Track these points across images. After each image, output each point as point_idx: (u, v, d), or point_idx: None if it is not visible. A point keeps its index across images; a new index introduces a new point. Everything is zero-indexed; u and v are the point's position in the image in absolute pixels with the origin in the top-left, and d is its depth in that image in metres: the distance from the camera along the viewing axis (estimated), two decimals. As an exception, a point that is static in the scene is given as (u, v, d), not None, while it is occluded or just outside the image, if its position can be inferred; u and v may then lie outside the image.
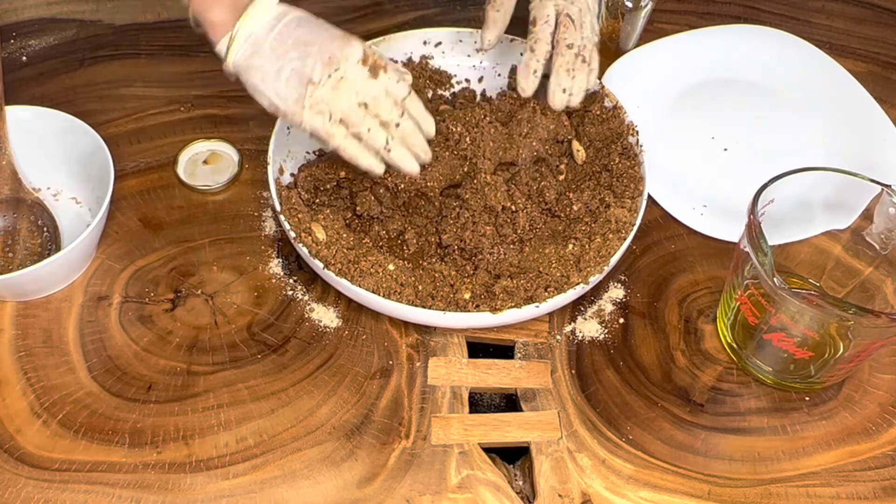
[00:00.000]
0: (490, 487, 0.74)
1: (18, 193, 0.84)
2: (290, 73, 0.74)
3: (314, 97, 0.74)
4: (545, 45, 0.82)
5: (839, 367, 0.78)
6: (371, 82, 0.76)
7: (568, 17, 0.81)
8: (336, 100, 0.75)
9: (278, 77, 0.74)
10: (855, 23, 1.13)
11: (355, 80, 0.75)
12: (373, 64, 0.75)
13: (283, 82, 0.74)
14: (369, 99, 0.76)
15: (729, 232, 0.90)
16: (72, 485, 0.72)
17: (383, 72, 0.76)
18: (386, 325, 0.83)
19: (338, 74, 0.74)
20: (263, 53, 0.74)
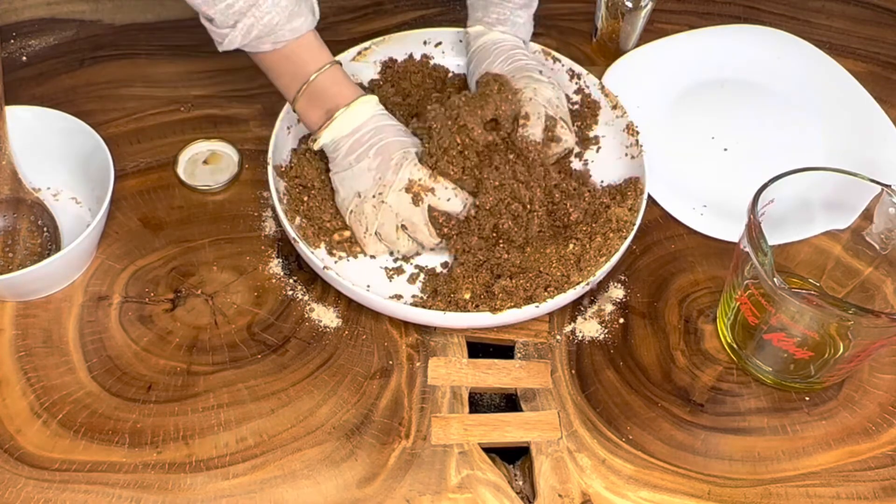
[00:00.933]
0: (490, 487, 0.74)
1: (18, 193, 0.84)
2: (348, 179, 0.82)
3: (357, 209, 0.82)
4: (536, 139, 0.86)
5: (839, 367, 0.78)
6: (412, 208, 0.81)
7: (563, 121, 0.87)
8: (374, 218, 0.81)
9: (342, 175, 0.82)
10: (855, 23, 1.13)
11: (395, 206, 0.81)
12: (418, 190, 0.80)
13: (341, 181, 0.83)
14: (409, 223, 0.81)
15: (729, 232, 0.90)
16: (72, 485, 0.72)
17: (432, 193, 0.81)
18: (386, 325, 0.83)
19: (381, 198, 0.81)
20: (340, 152, 0.82)
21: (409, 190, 0.80)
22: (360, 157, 0.81)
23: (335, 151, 0.82)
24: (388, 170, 0.80)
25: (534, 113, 0.85)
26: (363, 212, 0.81)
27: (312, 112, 0.82)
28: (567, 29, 1.07)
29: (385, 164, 0.80)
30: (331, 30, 1.05)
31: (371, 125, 0.81)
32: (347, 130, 0.81)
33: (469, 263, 0.82)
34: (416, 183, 0.80)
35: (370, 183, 0.81)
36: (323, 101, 0.81)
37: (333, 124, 0.81)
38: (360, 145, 0.81)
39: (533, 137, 0.85)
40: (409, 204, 0.80)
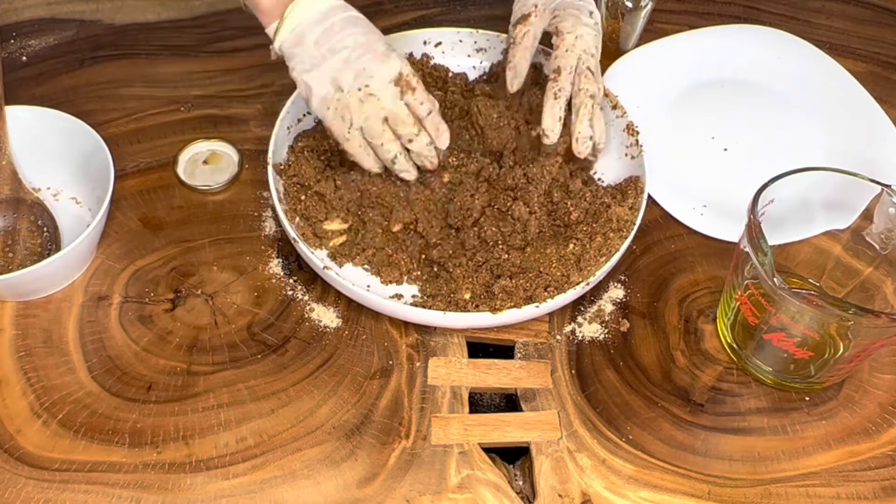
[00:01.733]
0: (490, 487, 0.74)
1: (18, 193, 0.84)
2: (324, 73, 0.77)
3: (340, 102, 0.78)
4: (566, 96, 0.84)
5: (839, 367, 0.78)
6: (397, 100, 0.78)
7: (589, 70, 0.83)
8: (360, 111, 0.78)
9: (312, 72, 0.77)
10: (855, 23, 1.13)
11: (383, 96, 0.78)
12: (404, 84, 0.78)
13: (316, 79, 0.77)
14: (391, 115, 0.79)
15: (729, 232, 0.90)
16: (72, 485, 0.72)
17: (411, 92, 0.79)
18: (386, 325, 0.83)
19: (367, 89, 0.77)
20: (306, 45, 0.77)
21: (397, 83, 0.78)
22: (335, 49, 0.76)
23: (298, 45, 0.77)
24: (375, 60, 0.77)
25: (565, 66, 0.83)
26: (347, 105, 0.77)
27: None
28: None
29: (369, 54, 0.77)
30: (331, 30, 1.05)
31: (340, 14, 0.77)
32: (314, 16, 0.76)
33: (469, 264, 0.82)
34: (403, 77, 0.78)
35: (352, 74, 0.77)
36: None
37: (297, 8, 0.76)
38: (333, 35, 0.77)
39: (548, 139, 0.84)
40: (396, 96, 0.78)
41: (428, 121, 0.81)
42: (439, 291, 0.81)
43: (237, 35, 1.04)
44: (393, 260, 0.84)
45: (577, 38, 0.84)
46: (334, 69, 0.77)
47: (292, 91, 0.89)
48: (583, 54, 0.84)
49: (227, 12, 1.07)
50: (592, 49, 0.85)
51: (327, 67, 0.77)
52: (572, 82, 0.84)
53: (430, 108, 0.81)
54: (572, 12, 0.85)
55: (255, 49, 1.02)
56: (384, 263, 0.84)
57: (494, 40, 0.97)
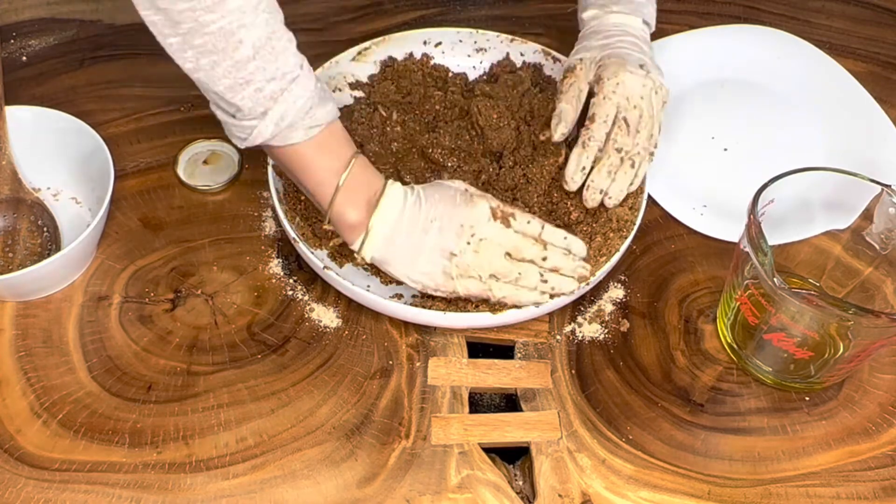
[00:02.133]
0: (490, 487, 0.74)
1: (18, 193, 0.84)
2: (431, 252, 0.76)
3: (461, 267, 0.76)
4: (597, 145, 0.83)
5: (839, 367, 0.78)
6: (507, 232, 0.77)
7: (624, 121, 0.82)
8: (481, 261, 0.76)
9: (418, 259, 0.76)
10: (855, 23, 1.13)
11: (493, 236, 0.76)
12: (502, 216, 0.77)
13: (426, 262, 0.76)
14: (511, 248, 0.77)
15: (729, 232, 0.90)
16: (72, 485, 0.72)
17: (513, 218, 0.77)
18: (386, 325, 0.83)
19: (476, 238, 0.76)
20: (399, 243, 0.76)
21: (495, 217, 0.76)
22: (427, 228, 0.76)
23: (391, 246, 0.76)
24: (462, 213, 0.76)
25: (600, 116, 0.82)
26: (467, 264, 0.76)
27: (351, 211, 0.75)
28: (567, 29, 1.07)
29: (454, 210, 0.76)
30: (331, 30, 1.05)
31: (412, 197, 0.76)
32: (394, 216, 0.75)
33: None
34: (496, 209, 0.77)
35: (454, 236, 0.75)
36: (362, 190, 0.75)
37: (380, 214, 0.75)
38: (417, 219, 0.76)
39: (568, 187, 0.83)
40: (503, 229, 0.76)
41: (547, 237, 0.78)
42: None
43: (237, 35, 1.04)
44: None
45: (617, 86, 0.82)
46: (438, 241, 0.76)
47: (292, 91, 0.90)
48: (623, 102, 0.82)
49: (227, 12, 1.07)
50: (637, 99, 0.83)
51: (430, 247, 0.76)
52: (607, 132, 0.82)
53: (540, 224, 0.78)
54: (616, 60, 0.84)
55: (255, 49, 1.02)
56: None
57: (494, 40, 0.97)
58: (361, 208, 0.75)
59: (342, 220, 0.76)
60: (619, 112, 0.83)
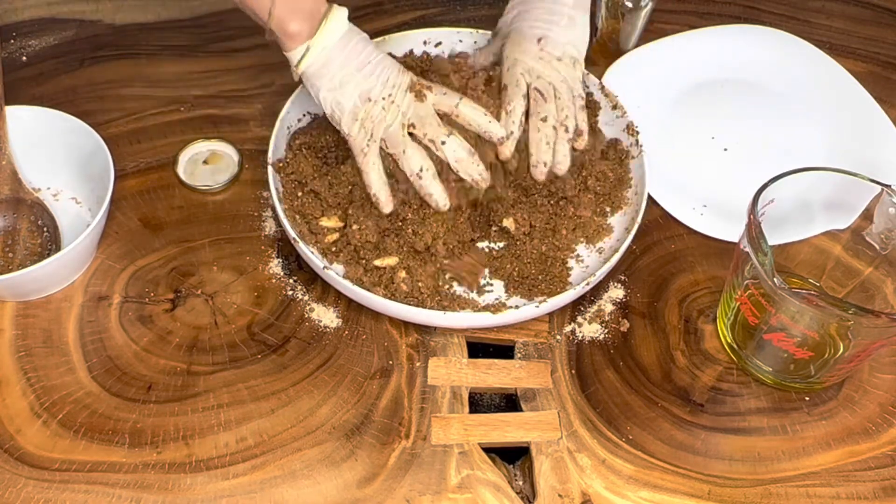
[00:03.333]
0: (490, 487, 0.74)
1: (18, 193, 0.84)
2: (353, 88, 0.79)
3: (368, 113, 0.79)
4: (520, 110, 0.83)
5: (839, 367, 0.78)
6: (417, 104, 0.80)
7: (537, 91, 0.83)
8: (383, 119, 0.79)
9: (342, 89, 0.79)
10: (855, 23, 1.13)
11: (402, 103, 0.79)
12: (418, 89, 0.79)
13: (345, 94, 0.79)
14: (416, 119, 0.79)
15: (729, 232, 0.90)
16: (72, 485, 0.72)
17: (429, 91, 0.80)
18: (386, 325, 0.83)
19: (390, 98, 0.79)
20: (333, 66, 0.79)
21: (412, 89, 0.80)
22: (360, 66, 0.79)
23: (325, 66, 0.79)
24: (393, 72, 0.80)
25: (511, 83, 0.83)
26: (372, 116, 0.79)
27: (296, 13, 0.77)
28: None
29: (388, 67, 0.80)
30: (331, 30, 1.05)
31: (357, 35, 0.80)
32: (337, 39, 0.79)
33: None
34: (415, 82, 0.80)
35: (379, 85, 0.79)
36: (301, 4, 0.78)
37: (324, 33, 0.78)
38: (357, 54, 0.79)
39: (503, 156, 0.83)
40: (414, 100, 0.80)
41: (462, 110, 0.80)
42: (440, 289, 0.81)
43: (237, 35, 1.04)
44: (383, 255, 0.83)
45: (515, 62, 0.84)
46: (362, 83, 0.79)
47: (292, 91, 0.90)
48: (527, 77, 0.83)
49: (227, 12, 1.07)
50: (539, 70, 0.84)
51: (356, 82, 0.79)
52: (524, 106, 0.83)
53: (455, 98, 0.80)
54: (512, 39, 0.86)
55: (255, 49, 1.02)
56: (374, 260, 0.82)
57: (494, 40, 0.97)
58: (304, 21, 0.78)
59: (283, 27, 0.78)
60: (528, 85, 0.83)
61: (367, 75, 0.79)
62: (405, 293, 0.80)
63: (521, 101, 0.83)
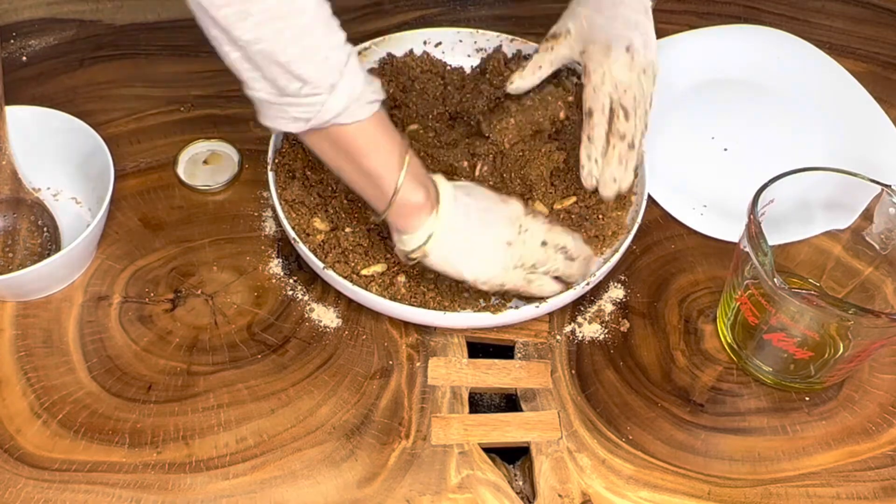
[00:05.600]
0: (490, 487, 0.74)
1: (18, 193, 0.84)
2: (491, 242, 0.76)
3: (514, 257, 0.76)
4: (601, 136, 0.81)
5: (839, 367, 0.78)
6: (539, 222, 0.78)
7: (622, 108, 0.81)
8: (530, 250, 0.77)
9: (475, 250, 0.75)
10: (855, 23, 1.13)
11: (533, 227, 0.77)
12: (532, 211, 0.78)
13: (485, 253, 0.75)
14: (548, 237, 0.78)
15: (729, 232, 0.90)
16: (72, 485, 0.72)
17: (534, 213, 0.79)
18: (386, 325, 0.83)
19: (523, 228, 0.76)
20: (458, 236, 0.74)
21: (528, 212, 0.77)
22: (483, 220, 0.75)
23: (452, 236, 0.74)
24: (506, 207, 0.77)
25: (597, 108, 0.80)
26: (521, 253, 0.76)
27: (417, 186, 0.71)
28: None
29: (499, 207, 0.77)
30: (331, 30, 1.05)
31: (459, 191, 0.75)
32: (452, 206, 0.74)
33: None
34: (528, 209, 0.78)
35: (507, 228, 0.76)
36: (422, 173, 0.73)
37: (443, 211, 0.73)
38: (471, 211, 0.75)
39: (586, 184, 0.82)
40: (535, 220, 0.77)
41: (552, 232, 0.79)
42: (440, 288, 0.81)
43: (237, 35, 1.04)
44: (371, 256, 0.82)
45: (604, 76, 0.81)
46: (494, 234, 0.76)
47: (292, 91, 0.90)
48: (614, 91, 0.80)
49: (227, 12, 1.07)
50: (626, 84, 0.80)
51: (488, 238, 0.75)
52: (607, 122, 0.81)
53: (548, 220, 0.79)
54: (600, 48, 0.81)
55: (255, 49, 1.02)
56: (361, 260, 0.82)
57: (494, 40, 0.97)
58: (421, 192, 0.71)
59: (407, 202, 0.71)
60: (614, 100, 0.81)
61: (492, 224, 0.76)
62: (405, 296, 0.80)
63: (605, 125, 0.81)
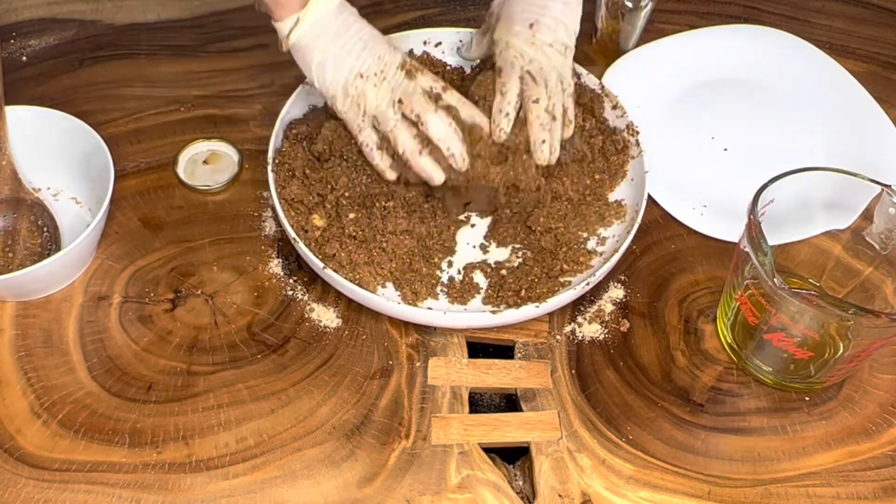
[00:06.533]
0: (490, 487, 0.74)
1: (18, 193, 0.84)
2: (344, 62, 0.79)
3: (358, 89, 0.80)
4: (514, 94, 0.82)
5: (839, 367, 0.78)
6: (407, 81, 0.80)
7: (529, 75, 0.82)
8: (373, 96, 0.79)
9: (334, 62, 0.80)
10: (855, 23, 1.13)
11: (393, 80, 0.80)
12: (409, 68, 0.80)
13: (336, 68, 0.80)
14: (404, 95, 0.80)
15: (729, 232, 0.90)
16: (72, 485, 0.72)
17: (420, 73, 0.81)
18: (386, 325, 0.83)
19: (382, 74, 0.80)
20: (324, 39, 0.79)
21: (403, 67, 0.80)
22: (353, 42, 0.80)
23: (318, 37, 0.79)
24: (385, 50, 0.80)
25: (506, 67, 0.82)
26: (364, 92, 0.80)
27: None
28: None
29: (380, 44, 0.80)
30: (331, 30, 1.05)
31: (348, 9, 0.80)
32: (331, 11, 0.79)
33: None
34: (408, 63, 0.81)
35: (372, 61, 0.80)
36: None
37: (314, 4, 0.78)
38: (349, 27, 0.80)
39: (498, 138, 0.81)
40: (404, 78, 0.80)
41: (447, 97, 0.81)
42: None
43: (237, 35, 1.04)
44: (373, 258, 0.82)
45: (507, 45, 0.83)
46: (355, 57, 0.79)
47: (292, 91, 0.90)
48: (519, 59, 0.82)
49: (227, 12, 1.07)
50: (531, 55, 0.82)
51: (347, 56, 0.79)
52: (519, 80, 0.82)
53: (442, 85, 0.81)
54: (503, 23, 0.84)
55: (255, 49, 1.02)
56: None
57: (494, 40, 0.97)
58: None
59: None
60: (521, 68, 0.82)
61: (360, 50, 0.80)
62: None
63: (517, 82, 0.82)
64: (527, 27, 0.84)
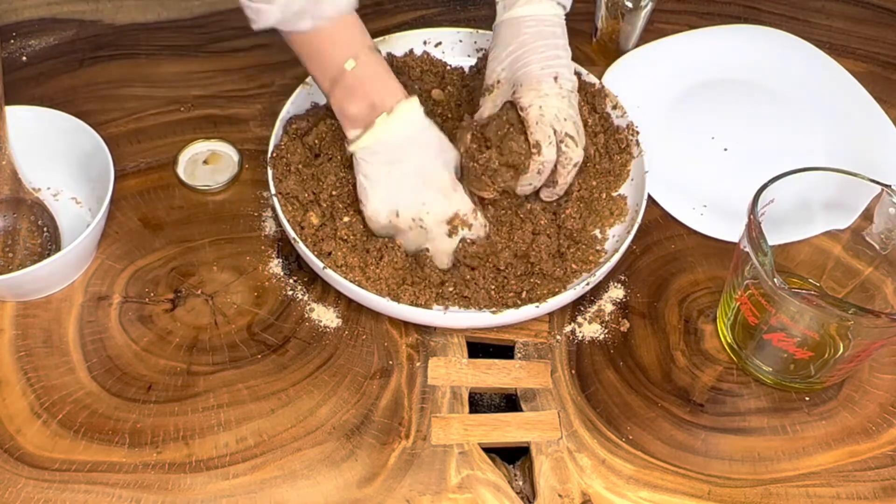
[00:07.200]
0: (490, 487, 0.74)
1: (18, 193, 0.84)
2: (386, 193, 0.78)
3: (390, 224, 0.80)
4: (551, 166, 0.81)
5: (839, 367, 0.78)
6: (446, 239, 0.80)
7: (569, 137, 0.81)
8: (408, 237, 0.80)
9: (381, 192, 0.79)
10: (855, 23, 1.13)
11: (432, 232, 0.80)
12: (453, 227, 0.80)
13: (377, 196, 0.79)
14: (434, 248, 0.80)
15: (729, 232, 0.90)
16: (72, 485, 0.72)
17: (467, 229, 0.80)
18: (386, 325, 0.83)
19: (420, 222, 0.79)
20: (378, 160, 0.78)
21: (450, 223, 0.79)
22: (403, 170, 0.78)
23: (373, 155, 0.78)
24: (437, 198, 0.79)
25: (544, 140, 0.80)
26: (398, 228, 0.80)
27: (352, 105, 0.76)
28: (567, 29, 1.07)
29: (432, 191, 0.79)
30: (331, 30, 1.05)
31: (417, 138, 0.78)
32: (392, 138, 0.77)
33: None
34: (458, 217, 0.79)
35: (411, 201, 0.78)
36: (364, 94, 0.76)
37: (376, 129, 0.76)
38: (403, 155, 0.78)
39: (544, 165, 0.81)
40: (445, 235, 0.80)
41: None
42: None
43: (237, 35, 1.04)
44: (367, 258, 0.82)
45: (541, 109, 0.80)
46: (395, 187, 0.78)
47: (292, 91, 0.90)
48: (554, 120, 0.80)
49: (227, 12, 1.07)
50: (565, 112, 0.81)
51: (388, 183, 0.78)
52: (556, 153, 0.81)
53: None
54: (528, 86, 0.81)
55: (255, 49, 1.02)
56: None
57: (495, 40, 0.97)
58: (363, 106, 0.76)
59: (342, 110, 0.77)
60: (558, 132, 0.80)
61: (402, 182, 0.78)
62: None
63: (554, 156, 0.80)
64: (553, 82, 0.82)
